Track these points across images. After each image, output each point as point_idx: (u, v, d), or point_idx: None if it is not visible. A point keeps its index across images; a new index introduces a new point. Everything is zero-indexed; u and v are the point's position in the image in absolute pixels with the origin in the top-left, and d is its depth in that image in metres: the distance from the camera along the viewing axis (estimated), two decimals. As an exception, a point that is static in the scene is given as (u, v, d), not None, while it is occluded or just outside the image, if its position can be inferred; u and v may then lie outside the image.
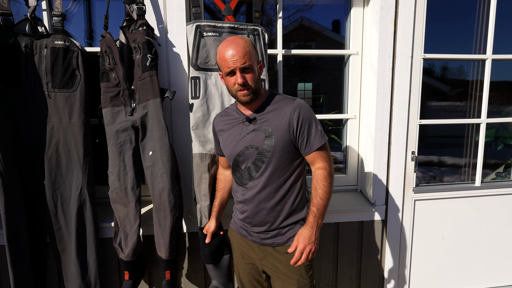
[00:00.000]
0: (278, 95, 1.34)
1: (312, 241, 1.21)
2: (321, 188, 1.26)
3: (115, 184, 1.49)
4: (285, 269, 1.33)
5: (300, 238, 1.22)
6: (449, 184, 2.21)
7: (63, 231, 1.59)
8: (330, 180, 1.27)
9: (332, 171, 1.29)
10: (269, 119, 1.28)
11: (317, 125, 1.28)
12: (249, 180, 1.32)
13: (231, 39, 1.23)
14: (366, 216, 1.97)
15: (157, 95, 1.49)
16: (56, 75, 1.52)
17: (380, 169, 1.94)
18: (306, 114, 1.26)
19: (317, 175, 1.28)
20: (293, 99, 1.29)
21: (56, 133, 1.54)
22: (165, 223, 1.49)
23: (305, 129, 1.26)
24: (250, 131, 1.30)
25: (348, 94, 2.03)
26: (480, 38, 2.17)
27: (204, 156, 1.58)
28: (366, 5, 1.92)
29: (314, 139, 1.26)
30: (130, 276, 1.61)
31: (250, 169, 1.31)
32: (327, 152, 1.30)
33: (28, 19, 1.55)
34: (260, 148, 1.27)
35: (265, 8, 1.96)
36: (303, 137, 1.27)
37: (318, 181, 1.27)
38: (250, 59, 1.21)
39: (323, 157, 1.28)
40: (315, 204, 1.25)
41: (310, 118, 1.27)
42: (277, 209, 1.31)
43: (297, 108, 1.26)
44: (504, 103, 2.37)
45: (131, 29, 1.53)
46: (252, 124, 1.30)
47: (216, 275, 1.63)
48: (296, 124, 1.25)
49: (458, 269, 2.20)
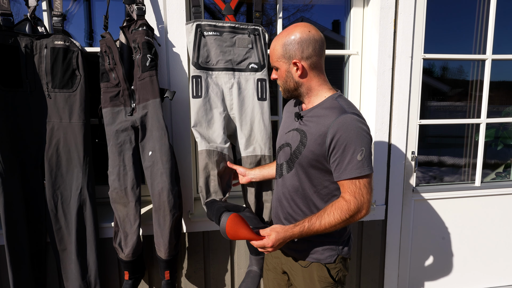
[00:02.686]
0: (334, 100, 1.16)
1: (279, 247, 1.14)
2: (330, 216, 1.10)
3: (115, 184, 1.49)
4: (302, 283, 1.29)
5: (273, 237, 1.12)
6: (449, 184, 2.21)
7: (63, 231, 1.59)
8: (344, 216, 1.09)
9: (353, 211, 1.08)
10: (310, 124, 1.16)
11: (355, 152, 1.06)
12: (279, 177, 1.29)
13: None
14: (366, 216, 1.96)
15: (156, 95, 1.49)
16: (56, 75, 1.52)
17: (380, 169, 1.94)
18: (345, 135, 1.06)
19: (336, 202, 1.12)
20: (340, 112, 1.10)
21: (56, 133, 1.54)
22: (164, 223, 1.49)
23: (337, 152, 1.08)
24: (294, 128, 1.23)
25: (348, 94, 2.03)
26: (480, 38, 2.17)
27: (212, 153, 1.53)
28: (366, 5, 1.93)
29: (346, 167, 1.08)
30: (130, 276, 1.61)
31: (282, 167, 1.27)
32: (359, 188, 1.08)
33: (28, 19, 1.55)
34: (293, 150, 1.20)
35: (265, 8, 1.96)
36: (334, 160, 1.10)
37: (332, 207, 1.11)
38: (274, 59, 1.18)
39: (352, 192, 1.09)
40: (311, 224, 1.12)
41: (348, 141, 1.06)
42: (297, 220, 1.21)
43: (336, 125, 1.08)
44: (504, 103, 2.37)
45: (131, 29, 1.53)
46: (299, 122, 1.21)
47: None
48: (329, 143, 1.09)
49: (458, 269, 2.20)
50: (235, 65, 1.63)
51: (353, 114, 1.10)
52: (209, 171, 1.54)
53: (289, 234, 1.13)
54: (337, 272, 1.25)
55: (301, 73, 1.15)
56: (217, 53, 1.59)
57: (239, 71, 1.63)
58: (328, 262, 1.24)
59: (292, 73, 1.16)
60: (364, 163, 1.07)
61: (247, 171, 1.54)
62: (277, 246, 1.13)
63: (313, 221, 1.12)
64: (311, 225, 1.12)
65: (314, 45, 1.13)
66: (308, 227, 1.12)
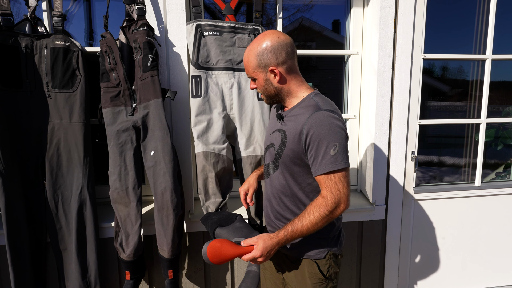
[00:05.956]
0: (310, 98, 1.18)
1: (269, 255, 1.14)
2: (310, 215, 1.11)
3: (116, 184, 1.49)
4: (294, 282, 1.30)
5: (261, 246, 1.12)
6: (449, 184, 2.21)
7: (63, 230, 1.59)
8: (323, 213, 1.09)
9: (331, 206, 1.09)
10: (289, 124, 1.19)
11: (328, 147, 1.08)
12: (267, 177, 1.31)
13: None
14: (366, 216, 1.97)
15: (158, 95, 1.49)
16: (56, 75, 1.52)
17: (380, 169, 1.94)
18: (318, 131, 1.08)
19: (315, 200, 1.13)
20: (314, 109, 1.13)
21: (56, 133, 1.54)
22: (167, 222, 1.50)
23: (312, 148, 1.10)
24: (277, 128, 1.25)
25: (348, 94, 2.03)
26: (480, 38, 2.17)
27: (209, 155, 1.55)
28: (366, 5, 1.93)
29: (320, 162, 1.09)
30: (131, 276, 1.61)
31: (269, 167, 1.29)
32: (335, 183, 1.09)
33: (28, 19, 1.55)
34: (276, 150, 1.22)
35: (265, 8, 1.96)
36: (310, 156, 1.12)
37: (311, 206, 1.12)
38: (250, 71, 1.20)
39: (328, 187, 1.10)
40: (294, 226, 1.12)
41: (321, 137, 1.08)
42: (287, 219, 1.25)
43: (309, 122, 1.10)
44: (504, 103, 2.38)
45: (132, 29, 1.53)
46: (280, 123, 1.23)
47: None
48: (304, 140, 1.12)
49: (458, 269, 2.21)
50: (235, 65, 1.63)
51: (327, 110, 1.12)
52: (206, 173, 1.55)
53: (275, 241, 1.13)
54: (328, 268, 1.26)
55: (280, 78, 1.17)
56: (217, 53, 1.59)
57: (239, 71, 1.63)
58: (318, 258, 1.25)
59: (270, 80, 1.18)
60: (338, 158, 1.08)
61: (250, 186, 1.45)
62: (267, 255, 1.13)
63: (295, 223, 1.13)
64: (294, 227, 1.12)
65: (286, 49, 1.15)
66: (292, 230, 1.12)
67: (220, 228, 1.40)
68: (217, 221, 1.44)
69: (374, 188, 1.95)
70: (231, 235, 1.34)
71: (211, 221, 1.46)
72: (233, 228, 1.39)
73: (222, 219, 1.45)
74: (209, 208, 1.57)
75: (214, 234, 1.41)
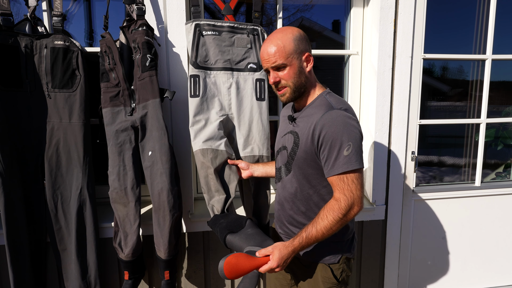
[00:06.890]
0: (323, 97, 1.16)
1: (285, 264, 1.11)
2: (324, 220, 1.07)
3: (115, 184, 1.49)
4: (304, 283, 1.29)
5: (276, 256, 1.09)
6: (449, 184, 2.21)
7: (63, 231, 1.59)
8: (337, 216, 1.06)
9: (345, 209, 1.05)
10: (301, 125, 1.15)
11: (342, 147, 1.04)
12: (279, 180, 1.29)
13: (269, 36, 1.15)
14: (366, 216, 1.97)
15: (156, 95, 1.49)
16: (56, 75, 1.52)
17: (380, 169, 1.94)
18: (331, 130, 1.05)
19: (327, 203, 1.10)
20: (327, 108, 1.10)
21: (56, 133, 1.55)
22: (164, 223, 1.49)
23: (325, 149, 1.07)
24: (289, 130, 1.22)
25: (348, 94, 2.03)
26: (480, 38, 2.17)
27: (206, 151, 1.52)
28: (366, 5, 1.92)
29: (334, 163, 1.06)
30: (130, 276, 1.61)
31: (281, 170, 1.26)
32: (347, 184, 1.06)
33: (28, 19, 1.55)
34: (289, 152, 1.19)
35: (265, 8, 1.96)
36: (323, 157, 1.09)
37: (324, 210, 1.09)
38: (282, 56, 1.10)
39: (341, 189, 1.06)
40: (308, 232, 1.09)
41: (334, 137, 1.05)
42: (301, 223, 1.22)
43: (322, 122, 1.07)
44: (504, 103, 2.37)
45: (131, 29, 1.53)
46: (292, 124, 1.20)
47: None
48: (317, 140, 1.08)
49: (458, 269, 2.20)
50: (234, 64, 1.63)
51: (340, 109, 1.09)
52: (206, 170, 1.53)
53: (291, 249, 1.10)
54: (341, 272, 1.24)
55: (312, 66, 1.17)
56: (215, 52, 1.59)
57: (237, 71, 1.63)
58: (332, 262, 1.23)
59: (304, 68, 1.15)
60: (352, 158, 1.04)
61: (249, 165, 1.52)
62: (283, 264, 1.10)
63: (309, 229, 1.10)
64: (308, 234, 1.10)
65: (309, 41, 1.17)
66: (306, 237, 1.10)
67: (231, 234, 1.36)
68: (226, 226, 1.39)
69: (374, 188, 1.95)
70: (244, 243, 1.28)
71: (220, 226, 1.41)
72: (245, 235, 1.34)
73: (231, 224, 1.41)
74: (214, 207, 1.55)
75: (225, 241, 1.36)
